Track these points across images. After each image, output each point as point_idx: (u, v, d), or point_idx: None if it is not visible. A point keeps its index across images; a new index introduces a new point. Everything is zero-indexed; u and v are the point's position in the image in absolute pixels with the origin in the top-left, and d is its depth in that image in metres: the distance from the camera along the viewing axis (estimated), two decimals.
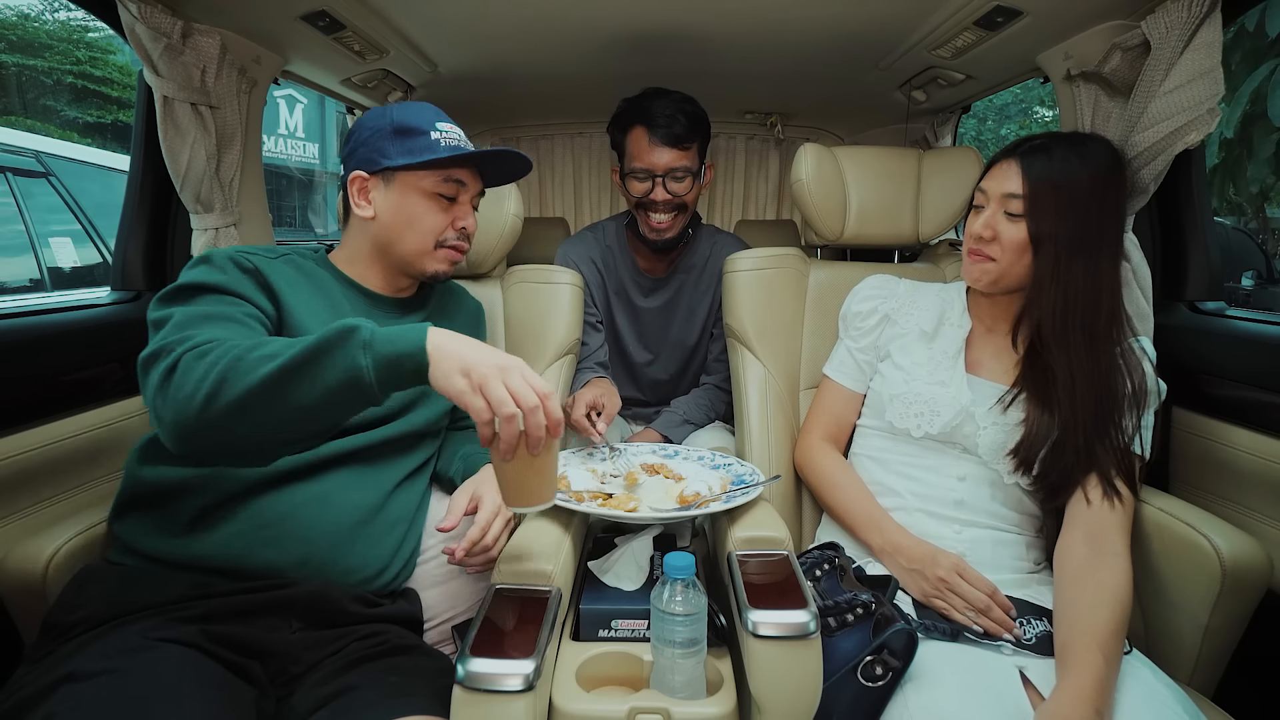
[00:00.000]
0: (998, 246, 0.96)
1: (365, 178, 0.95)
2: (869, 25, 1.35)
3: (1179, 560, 0.94)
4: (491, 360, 0.68)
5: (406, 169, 0.94)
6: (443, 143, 0.94)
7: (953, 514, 1.00)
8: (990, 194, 0.97)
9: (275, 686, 0.77)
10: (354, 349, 0.67)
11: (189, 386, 0.68)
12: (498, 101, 2.02)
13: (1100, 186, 0.93)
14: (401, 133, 0.94)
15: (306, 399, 0.68)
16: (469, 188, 0.99)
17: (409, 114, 0.96)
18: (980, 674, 0.81)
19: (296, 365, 0.67)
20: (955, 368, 1.02)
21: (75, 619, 0.75)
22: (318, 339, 0.68)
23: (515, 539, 0.89)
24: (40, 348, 1.04)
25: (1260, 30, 4.36)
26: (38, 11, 8.70)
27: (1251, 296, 4.57)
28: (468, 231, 1.01)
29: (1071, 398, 0.92)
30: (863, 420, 1.13)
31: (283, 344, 0.70)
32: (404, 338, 0.68)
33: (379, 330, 0.69)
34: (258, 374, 0.67)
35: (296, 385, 0.67)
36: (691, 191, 1.41)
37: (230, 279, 0.84)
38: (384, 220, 0.96)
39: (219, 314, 0.80)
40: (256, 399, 0.67)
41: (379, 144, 0.95)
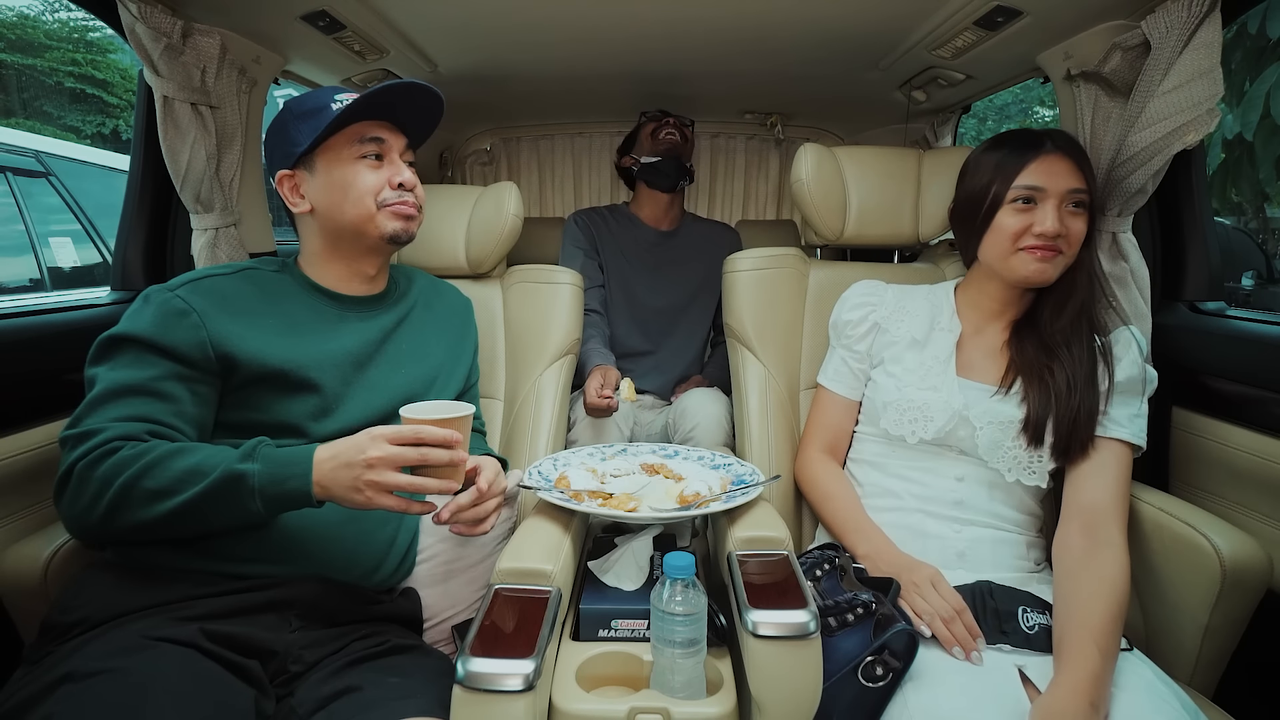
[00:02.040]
0: (1064, 241, 0.96)
1: (290, 174, 0.95)
2: (869, 25, 1.35)
3: (1179, 560, 0.94)
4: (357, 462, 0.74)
5: (318, 145, 0.93)
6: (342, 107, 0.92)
7: (952, 514, 1.00)
8: (1050, 190, 0.96)
9: (275, 686, 0.77)
10: (244, 497, 0.74)
11: (82, 503, 0.75)
12: (498, 101, 2.02)
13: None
14: (301, 117, 0.93)
15: (203, 528, 0.78)
16: (391, 144, 0.96)
17: (305, 100, 0.95)
18: (980, 673, 0.82)
19: (187, 510, 0.74)
20: (946, 372, 1.03)
21: (74, 619, 0.75)
22: (207, 486, 0.73)
23: (515, 539, 0.89)
24: (40, 348, 1.04)
25: (1261, 31, 4.36)
26: (38, 12, 8.70)
27: (1251, 296, 4.56)
28: (407, 186, 0.96)
29: (1071, 379, 0.95)
30: (859, 427, 1.14)
31: (172, 476, 0.74)
32: (291, 480, 0.75)
33: (265, 469, 0.75)
34: (150, 512, 0.74)
35: (192, 522, 0.75)
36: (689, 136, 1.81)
37: (156, 331, 0.83)
38: (321, 204, 0.95)
39: (130, 384, 0.81)
40: (152, 529, 0.75)
41: (286, 136, 0.94)
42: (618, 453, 1.16)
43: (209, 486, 0.73)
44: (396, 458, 0.73)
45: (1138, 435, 0.96)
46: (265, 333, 0.88)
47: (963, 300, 1.10)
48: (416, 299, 1.09)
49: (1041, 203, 0.96)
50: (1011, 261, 0.99)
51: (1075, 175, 0.96)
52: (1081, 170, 0.96)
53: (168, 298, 0.85)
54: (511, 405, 1.28)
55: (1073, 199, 0.96)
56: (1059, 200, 0.95)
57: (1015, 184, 0.97)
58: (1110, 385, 0.97)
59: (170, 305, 0.84)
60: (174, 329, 0.83)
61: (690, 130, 1.82)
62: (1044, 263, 0.96)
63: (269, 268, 0.97)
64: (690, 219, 1.90)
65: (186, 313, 0.84)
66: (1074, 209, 0.96)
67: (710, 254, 1.76)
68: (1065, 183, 0.95)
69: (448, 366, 1.08)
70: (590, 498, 0.96)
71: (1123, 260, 1.16)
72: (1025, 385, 0.98)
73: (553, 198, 2.43)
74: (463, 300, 1.19)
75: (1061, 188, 0.95)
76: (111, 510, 0.74)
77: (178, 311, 0.84)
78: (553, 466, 1.08)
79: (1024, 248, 0.97)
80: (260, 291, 0.92)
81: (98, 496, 0.74)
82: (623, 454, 1.15)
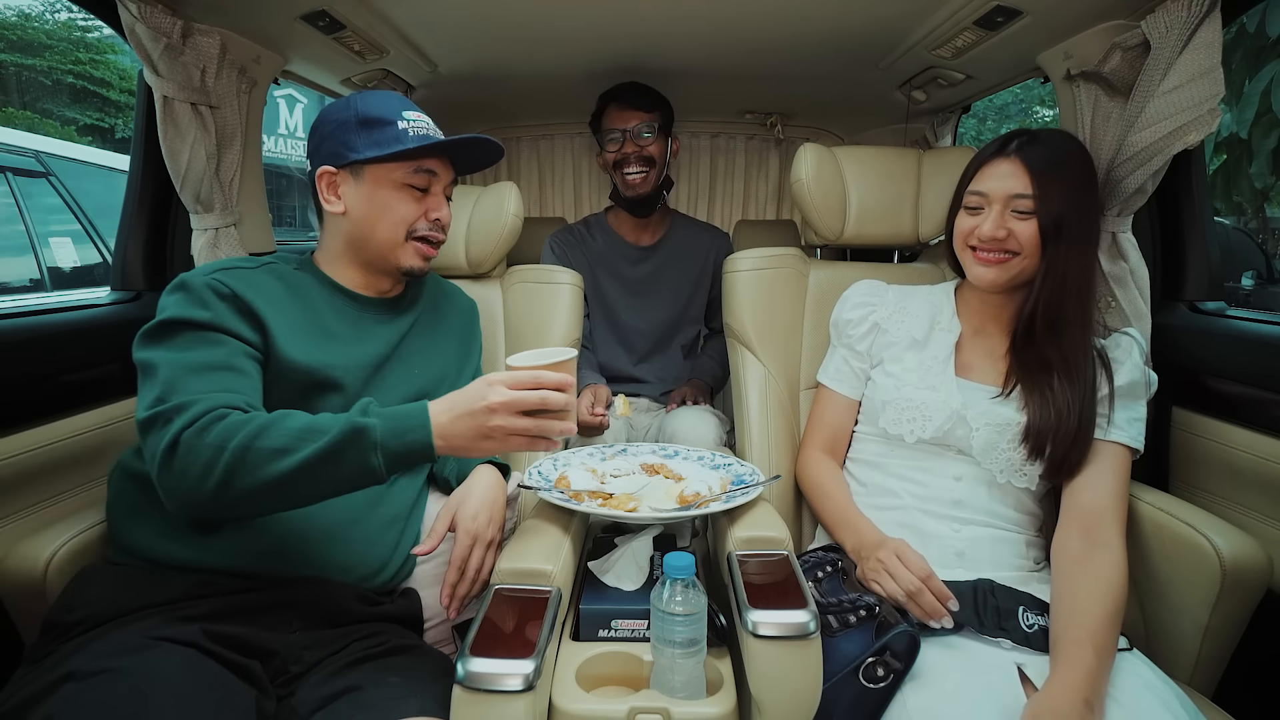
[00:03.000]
0: (1015, 242, 0.96)
1: (334, 172, 0.93)
2: (869, 25, 1.35)
3: (1179, 560, 0.94)
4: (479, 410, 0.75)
5: (375, 161, 0.92)
6: (410, 132, 0.92)
7: (951, 513, 1.00)
8: (992, 195, 0.97)
9: (276, 686, 0.77)
10: (366, 451, 0.73)
11: (194, 472, 0.72)
12: (498, 101, 2.02)
13: (1086, 165, 0.98)
14: (367, 124, 0.92)
15: (318, 492, 0.75)
16: (440, 178, 0.98)
17: (374, 104, 0.93)
18: (979, 673, 0.82)
19: (309, 466, 0.72)
20: (945, 372, 1.03)
21: (75, 619, 0.75)
22: (330, 441, 0.72)
23: (515, 539, 0.89)
24: (40, 348, 1.04)
25: (1261, 31, 4.36)
26: (38, 12, 8.70)
27: (1251, 296, 4.56)
28: (441, 223, 0.99)
29: (1068, 382, 0.95)
30: (859, 427, 1.14)
31: (285, 437, 0.72)
32: (411, 432, 0.74)
33: (384, 424, 0.74)
34: (269, 471, 0.71)
35: (309, 483, 0.73)
36: (656, 145, 1.62)
37: (212, 313, 0.82)
38: (355, 215, 0.94)
39: (207, 362, 0.79)
40: (268, 493, 0.72)
41: (345, 137, 0.92)
42: (618, 453, 1.16)
43: (332, 441, 0.72)
44: (518, 402, 0.74)
45: (1136, 439, 0.96)
46: (295, 330, 0.89)
47: (962, 301, 1.10)
48: (427, 302, 1.10)
49: (987, 208, 0.98)
50: (967, 265, 1.02)
51: (1024, 181, 0.95)
52: (1036, 176, 0.94)
53: (209, 281, 0.85)
54: None
55: (1014, 205, 0.95)
56: (1002, 205, 0.96)
57: (969, 189, 1.01)
58: (1111, 391, 0.97)
59: (215, 289, 0.84)
60: (226, 312, 0.84)
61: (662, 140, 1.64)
62: (986, 266, 0.98)
63: (289, 264, 0.97)
64: (677, 224, 1.80)
65: (232, 296, 0.85)
66: (1017, 214, 0.96)
67: (699, 262, 1.74)
68: (1009, 188, 0.96)
69: (455, 368, 1.08)
70: (590, 498, 0.96)
71: (1122, 260, 1.16)
72: (1025, 394, 0.98)
73: (553, 198, 2.43)
74: (468, 302, 1.19)
75: (1003, 193, 0.96)
76: (229, 474, 0.71)
77: (223, 295, 0.85)
78: (553, 466, 1.08)
79: (973, 250, 1.00)
80: (286, 288, 0.93)
81: (212, 462, 0.71)
82: (623, 454, 1.15)
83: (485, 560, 0.91)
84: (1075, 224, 0.94)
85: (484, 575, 0.90)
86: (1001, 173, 0.97)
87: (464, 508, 0.93)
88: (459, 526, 0.91)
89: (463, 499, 0.94)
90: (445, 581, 0.89)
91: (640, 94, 1.63)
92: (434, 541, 0.89)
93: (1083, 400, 0.94)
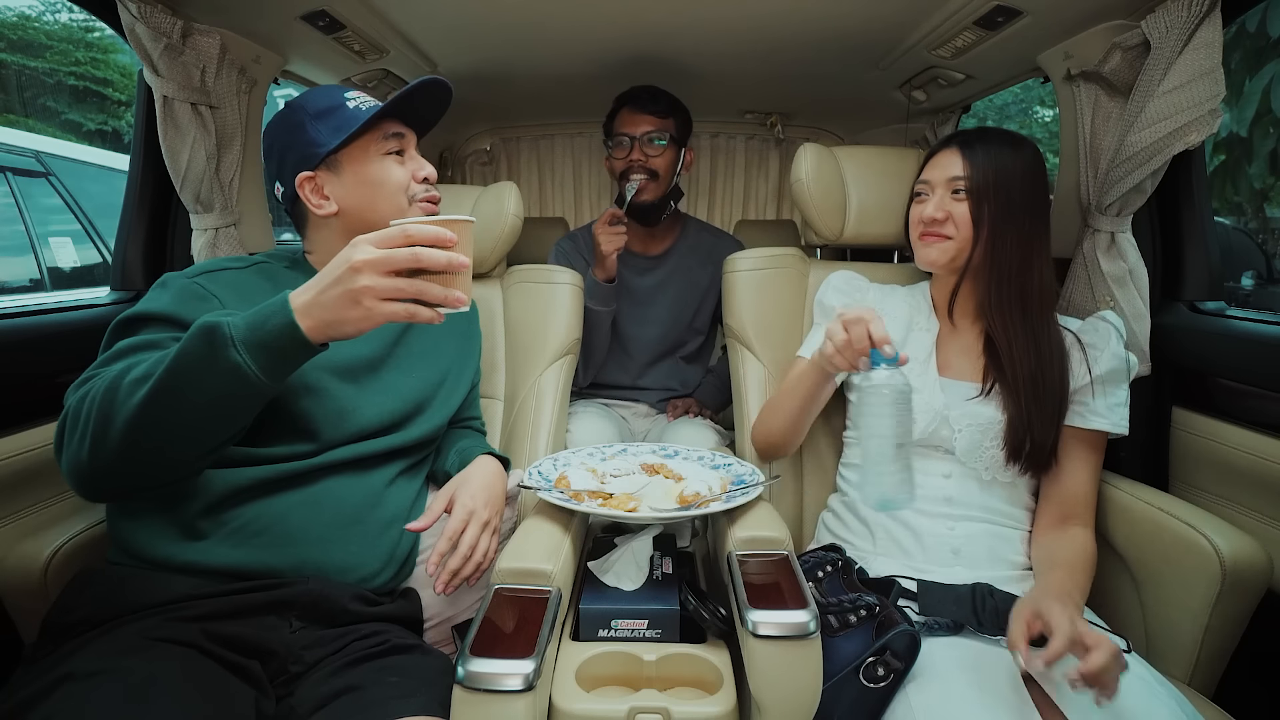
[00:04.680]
0: (951, 225, 1.01)
1: (311, 176, 0.91)
2: (869, 25, 1.35)
3: (1179, 560, 0.94)
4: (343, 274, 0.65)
5: (346, 145, 0.91)
6: (362, 107, 0.93)
7: (943, 510, 1.00)
8: (934, 181, 1.03)
9: (275, 686, 0.77)
10: (223, 348, 0.65)
11: (75, 434, 0.68)
12: (498, 101, 2.02)
13: (1031, 171, 1.00)
14: (319, 116, 0.91)
15: (189, 414, 0.67)
16: (409, 138, 0.97)
17: (317, 98, 0.93)
18: (981, 673, 0.82)
19: (169, 383, 0.65)
20: (927, 372, 1.04)
21: (75, 619, 0.75)
22: (178, 352, 0.66)
23: (515, 539, 0.89)
24: (40, 348, 1.04)
25: (1261, 31, 4.36)
26: (39, 12, 8.70)
27: (1251, 296, 4.56)
28: (430, 180, 0.97)
29: (1013, 368, 0.98)
30: (847, 433, 1.16)
31: (151, 362, 0.68)
32: (270, 319, 0.66)
33: (241, 320, 0.67)
34: (133, 403, 0.66)
35: (175, 403, 0.66)
36: (664, 158, 1.53)
37: (178, 308, 0.81)
38: (349, 204, 0.92)
39: (144, 344, 0.77)
40: (135, 430, 0.66)
41: (305, 137, 0.91)
42: (618, 453, 1.16)
43: (183, 347, 0.66)
44: (385, 260, 0.65)
45: (1119, 424, 0.99)
46: None
47: (935, 296, 1.12)
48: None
49: (930, 194, 1.04)
50: (917, 251, 1.06)
51: (959, 165, 1.01)
52: (969, 157, 1.00)
53: (186, 283, 0.85)
54: (511, 405, 1.28)
55: (952, 186, 1.01)
56: (943, 188, 1.02)
57: (918, 180, 1.08)
58: (1091, 380, 0.99)
59: (190, 289, 0.84)
60: (194, 310, 0.81)
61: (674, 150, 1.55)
62: (928, 246, 1.03)
63: (281, 263, 0.97)
64: (688, 232, 1.69)
65: (206, 298, 0.84)
66: (955, 195, 1.01)
67: (708, 272, 1.63)
68: (947, 172, 1.02)
69: (455, 369, 1.08)
70: (590, 498, 0.96)
71: (1121, 260, 1.16)
72: (1002, 393, 1.00)
73: (553, 198, 2.43)
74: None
75: (943, 178, 1.02)
76: (100, 423, 0.67)
77: (198, 295, 0.84)
78: (553, 466, 1.08)
79: (921, 236, 1.04)
80: (273, 283, 0.92)
81: (86, 418, 0.68)
82: (623, 454, 1.15)
83: (480, 541, 0.90)
84: (1006, 208, 0.98)
85: (478, 557, 0.89)
86: (943, 162, 1.03)
87: (462, 488, 0.93)
88: (455, 502, 0.91)
89: (461, 482, 0.95)
90: (435, 550, 0.88)
91: (655, 98, 1.54)
92: (429, 519, 0.89)
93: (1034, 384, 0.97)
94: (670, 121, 1.54)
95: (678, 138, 1.56)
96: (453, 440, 1.09)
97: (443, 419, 1.04)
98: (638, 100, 1.55)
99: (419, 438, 0.99)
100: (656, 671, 0.85)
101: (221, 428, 0.72)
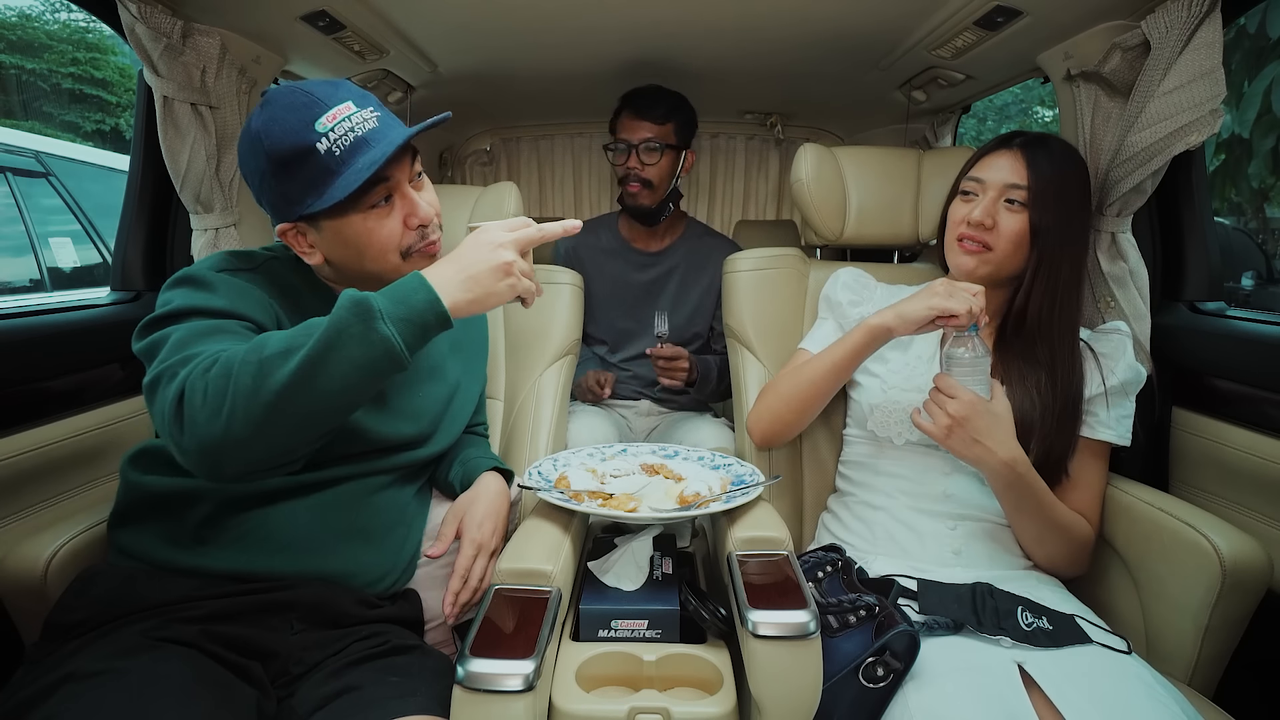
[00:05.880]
0: (996, 235, 0.97)
1: (289, 228, 0.82)
2: (869, 25, 1.35)
3: (1179, 560, 0.94)
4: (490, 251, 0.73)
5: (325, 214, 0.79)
6: (336, 151, 0.76)
7: (945, 509, 1.01)
8: (988, 183, 0.99)
9: (276, 687, 0.77)
10: (372, 320, 0.66)
11: (206, 411, 0.65)
12: (498, 101, 2.02)
13: (1086, 188, 1.00)
14: (285, 166, 0.77)
15: (337, 385, 0.66)
16: (398, 177, 0.81)
17: (279, 135, 0.76)
18: (980, 673, 0.81)
19: (318, 355, 0.65)
20: (931, 371, 1.04)
21: (76, 620, 0.75)
22: (331, 323, 0.66)
23: (515, 539, 0.89)
24: (40, 348, 1.04)
25: (1261, 31, 4.36)
26: (38, 12, 8.70)
27: (1251, 296, 4.56)
28: (426, 220, 0.84)
29: (1052, 382, 0.96)
30: (848, 431, 1.15)
31: (286, 338, 0.67)
32: (415, 296, 0.69)
33: (384, 298, 0.68)
34: (278, 377, 0.64)
35: (325, 375, 0.65)
36: (659, 166, 1.55)
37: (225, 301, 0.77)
38: (336, 257, 0.84)
39: (215, 330, 0.75)
40: (284, 401, 0.65)
41: (274, 189, 0.79)
42: (618, 453, 1.16)
43: (335, 319, 0.65)
44: (523, 239, 0.76)
45: (1123, 436, 1.00)
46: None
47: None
48: None
49: (981, 194, 1.00)
50: (951, 253, 1.03)
51: (1020, 173, 0.97)
52: (1034, 169, 0.96)
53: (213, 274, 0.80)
54: (512, 405, 1.28)
55: (1009, 194, 0.97)
56: (997, 193, 0.98)
57: (967, 175, 1.03)
58: (1105, 391, 0.98)
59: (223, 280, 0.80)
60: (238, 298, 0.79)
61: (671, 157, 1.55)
62: (967, 255, 0.99)
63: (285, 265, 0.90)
64: (690, 233, 1.70)
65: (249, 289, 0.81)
66: (1009, 204, 0.97)
67: (707, 274, 1.64)
68: (1005, 177, 0.98)
69: (466, 380, 1.07)
70: (590, 498, 0.96)
71: (1122, 260, 1.16)
72: (1011, 393, 0.98)
73: (553, 198, 2.43)
74: None
75: (1000, 181, 0.98)
76: (246, 396, 0.64)
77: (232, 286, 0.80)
78: (553, 467, 1.08)
79: (959, 239, 1.01)
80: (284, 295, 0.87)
81: (220, 393, 0.65)
82: (623, 454, 1.15)
83: (487, 570, 0.93)
84: (1067, 225, 0.96)
85: (484, 585, 0.92)
86: (1001, 164, 0.99)
87: (470, 515, 0.94)
88: (465, 535, 0.93)
89: (469, 505, 0.95)
90: (449, 589, 0.91)
91: (654, 102, 1.54)
92: (443, 546, 0.93)
93: (1067, 399, 0.96)
94: (669, 127, 1.55)
95: (677, 143, 1.57)
96: (457, 448, 1.07)
97: (455, 435, 1.04)
98: (638, 105, 1.56)
99: (431, 455, 0.99)
100: (656, 672, 0.85)
101: (360, 399, 0.70)
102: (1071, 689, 0.77)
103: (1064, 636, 0.86)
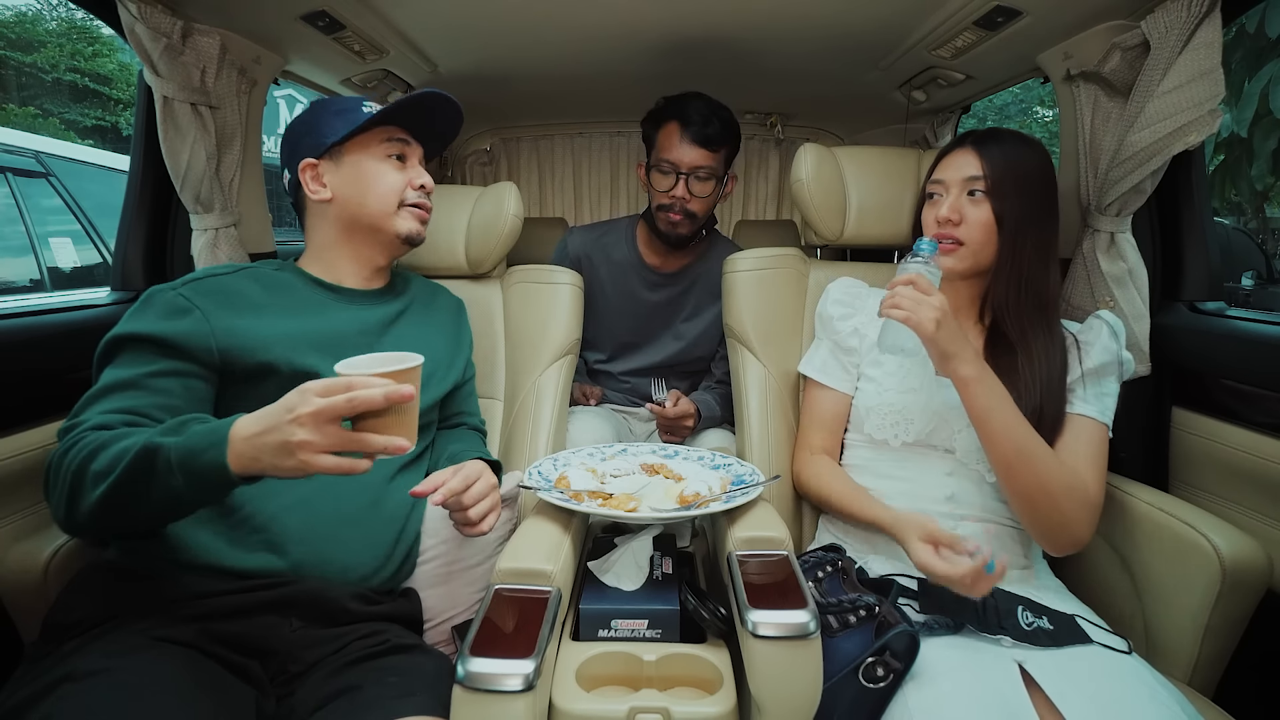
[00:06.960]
0: (965, 228, 1.00)
1: (314, 163, 0.97)
2: (869, 25, 1.35)
3: (1179, 560, 0.94)
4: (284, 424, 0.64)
5: (351, 138, 0.97)
6: (374, 111, 0.98)
7: (945, 510, 1.00)
8: (949, 181, 1.02)
9: (275, 686, 0.77)
10: (163, 474, 0.67)
11: (54, 496, 0.73)
12: (498, 101, 2.02)
13: (1045, 173, 1.00)
14: (336, 114, 0.98)
15: (144, 511, 0.70)
16: (413, 148, 1.03)
17: (340, 100, 1.01)
18: (980, 673, 0.81)
19: (120, 490, 0.69)
20: (926, 372, 1.04)
21: (75, 619, 0.76)
22: (127, 465, 0.68)
23: (515, 539, 0.89)
24: (41, 348, 1.04)
25: (1260, 31, 4.36)
26: (37, 11, 8.70)
27: (1251, 296, 4.56)
28: (426, 189, 1.03)
29: (1033, 371, 0.97)
30: (848, 434, 1.15)
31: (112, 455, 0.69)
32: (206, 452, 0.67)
33: (184, 443, 0.67)
34: (95, 496, 0.69)
35: (131, 505, 0.70)
36: (709, 197, 1.45)
37: (159, 326, 0.82)
38: (343, 195, 0.98)
39: (126, 380, 0.80)
40: (106, 517, 0.71)
41: (317, 128, 0.98)
42: (618, 453, 1.16)
43: (128, 466, 0.68)
44: (326, 410, 0.63)
45: (1103, 413, 0.97)
46: (267, 324, 0.89)
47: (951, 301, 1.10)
48: (414, 297, 1.10)
49: (945, 194, 1.02)
50: None
51: (976, 165, 0.99)
52: (987, 158, 0.99)
53: (170, 296, 0.85)
54: (511, 405, 1.28)
55: (969, 186, 1.00)
56: (959, 189, 1.01)
57: (930, 179, 1.06)
58: (1082, 374, 0.99)
59: (173, 303, 0.85)
60: (176, 325, 0.83)
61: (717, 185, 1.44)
62: (944, 254, 1.01)
63: (268, 267, 0.98)
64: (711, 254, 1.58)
65: (189, 309, 0.84)
66: (971, 196, 1.00)
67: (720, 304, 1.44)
68: (963, 172, 1.01)
69: (444, 364, 1.08)
70: (590, 498, 0.96)
71: (1121, 260, 1.16)
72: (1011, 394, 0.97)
73: (553, 198, 2.43)
74: (455, 300, 1.19)
75: (959, 177, 1.01)
76: (71, 497, 0.71)
77: (180, 309, 0.84)
78: (552, 467, 1.08)
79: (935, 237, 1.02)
80: (262, 287, 0.93)
81: (62, 485, 0.71)
82: (623, 454, 1.15)
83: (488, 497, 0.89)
84: (1030, 208, 0.98)
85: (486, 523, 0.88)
86: (958, 162, 1.02)
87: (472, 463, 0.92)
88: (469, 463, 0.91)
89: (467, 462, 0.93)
90: (448, 486, 0.85)
91: (709, 119, 1.39)
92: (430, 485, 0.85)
93: (1047, 378, 0.97)
94: (721, 154, 1.43)
95: (723, 173, 1.46)
96: (442, 445, 1.08)
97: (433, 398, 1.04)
98: (692, 121, 1.39)
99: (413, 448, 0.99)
100: (656, 671, 0.85)
101: (180, 516, 0.75)
102: (1072, 689, 0.77)
103: (1064, 636, 0.86)
